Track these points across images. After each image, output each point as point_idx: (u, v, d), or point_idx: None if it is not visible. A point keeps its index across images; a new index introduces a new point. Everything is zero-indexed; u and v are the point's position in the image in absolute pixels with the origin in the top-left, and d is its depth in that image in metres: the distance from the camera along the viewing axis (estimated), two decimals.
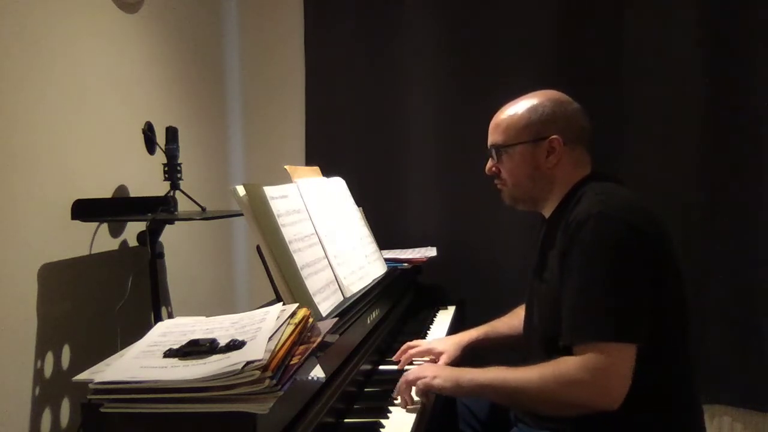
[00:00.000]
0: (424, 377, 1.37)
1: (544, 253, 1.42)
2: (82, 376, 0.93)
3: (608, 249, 1.24)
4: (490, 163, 1.53)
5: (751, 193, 2.13)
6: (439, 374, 1.38)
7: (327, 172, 1.93)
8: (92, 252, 1.69)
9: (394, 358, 1.65)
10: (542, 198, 1.47)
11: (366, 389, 1.47)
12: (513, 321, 1.73)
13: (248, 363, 0.87)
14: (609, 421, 1.25)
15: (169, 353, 0.97)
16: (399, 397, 1.38)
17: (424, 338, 1.86)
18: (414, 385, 1.37)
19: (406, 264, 2.14)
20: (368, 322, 1.61)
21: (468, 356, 1.66)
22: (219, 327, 1.08)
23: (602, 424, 1.26)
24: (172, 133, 1.78)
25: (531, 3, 2.29)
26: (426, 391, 1.37)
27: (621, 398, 1.22)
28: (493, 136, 1.50)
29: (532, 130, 1.43)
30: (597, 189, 1.36)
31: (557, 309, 1.30)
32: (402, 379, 1.40)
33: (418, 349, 1.64)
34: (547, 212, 1.49)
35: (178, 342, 1.00)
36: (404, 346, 1.66)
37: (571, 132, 1.43)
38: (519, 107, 1.46)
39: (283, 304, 1.18)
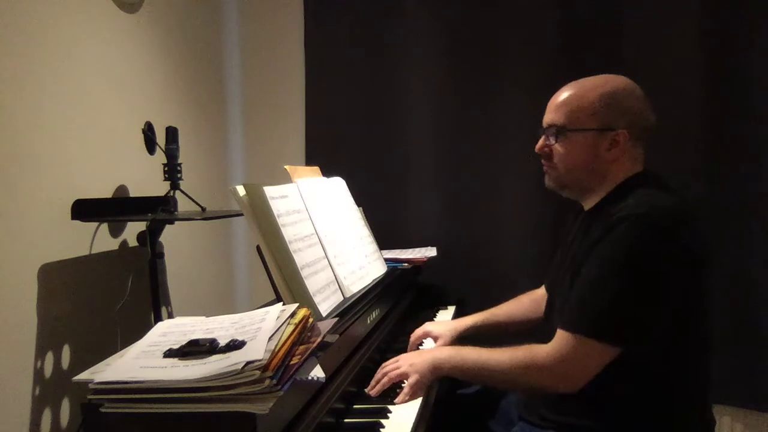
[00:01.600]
0: (398, 367, 1.40)
1: (577, 245, 1.38)
2: (82, 376, 0.93)
3: (634, 253, 1.22)
4: (542, 142, 1.42)
5: (752, 192, 2.13)
6: (415, 362, 1.39)
7: (327, 172, 1.93)
8: (92, 252, 1.69)
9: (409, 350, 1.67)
10: (590, 189, 1.40)
11: (366, 389, 1.47)
12: (513, 309, 1.74)
13: (248, 363, 0.87)
14: (616, 420, 1.26)
15: (169, 353, 0.97)
16: (375, 386, 1.40)
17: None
18: (389, 376, 1.40)
19: (406, 264, 2.14)
20: (368, 322, 1.61)
21: (466, 342, 1.66)
22: (219, 327, 1.08)
23: (610, 423, 1.27)
24: (172, 133, 1.78)
25: (531, 3, 2.29)
26: (401, 379, 1.39)
27: (578, 387, 1.26)
28: (555, 115, 1.39)
29: (601, 118, 1.34)
30: (645, 191, 1.31)
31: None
32: (379, 370, 1.42)
33: (416, 333, 1.69)
34: (588, 204, 1.43)
35: (178, 342, 1.00)
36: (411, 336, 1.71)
37: (638, 127, 1.36)
38: (590, 89, 1.36)
39: (283, 304, 1.18)
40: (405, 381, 1.39)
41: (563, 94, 1.39)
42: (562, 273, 1.43)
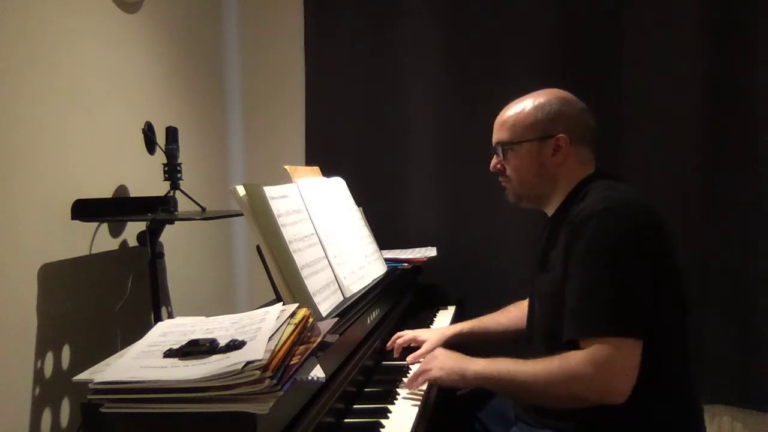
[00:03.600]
0: (429, 370, 1.41)
1: (546, 250, 1.42)
2: (82, 376, 0.93)
3: (611, 245, 1.25)
4: (494, 161, 1.53)
5: (752, 191, 2.13)
6: (444, 366, 1.40)
7: (327, 172, 1.93)
8: (92, 252, 1.69)
9: (387, 346, 1.70)
10: (546, 196, 1.48)
11: (366, 389, 1.47)
12: (501, 318, 1.76)
13: (248, 363, 0.87)
14: (608, 416, 1.25)
15: (169, 353, 0.97)
16: (408, 387, 1.44)
17: None
18: (418, 378, 1.42)
19: (406, 264, 2.14)
20: (368, 322, 1.61)
21: (453, 349, 1.66)
22: (219, 327, 1.08)
23: (602, 419, 1.27)
24: (172, 133, 1.78)
25: (531, 4, 2.29)
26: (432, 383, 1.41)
27: (626, 392, 1.22)
28: (499, 134, 1.50)
29: (539, 127, 1.44)
30: (601, 187, 1.37)
31: (559, 305, 1.30)
32: (412, 375, 1.45)
33: (405, 338, 1.70)
34: (550, 210, 1.50)
35: (178, 342, 1.00)
36: (394, 336, 1.72)
37: (577, 131, 1.44)
38: (525, 105, 1.47)
39: (283, 304, 1.18)
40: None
41: (505, 114, 1.51)
42: (538, 279, 1.46)
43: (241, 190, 1.34)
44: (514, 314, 1.74)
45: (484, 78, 2.35)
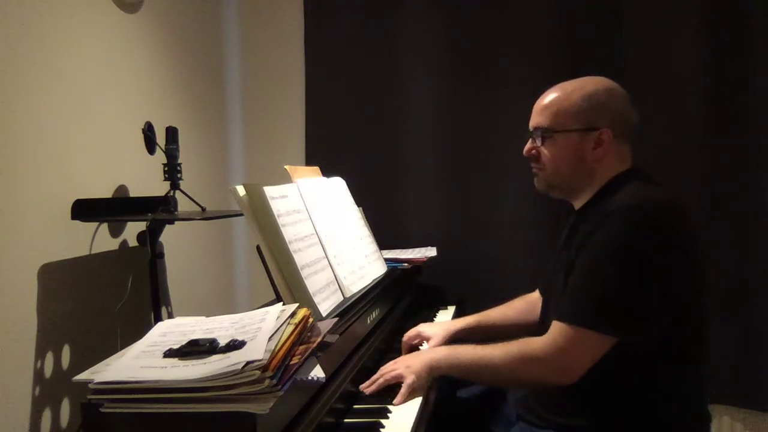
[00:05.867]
0: (402, 378, 1.39)
1: (569, 244, 1.39)
2: (82, 376, 0.93)
3: (627, 241, 1.24)
4: (530, 145, 1.45)
5: (752, 191, 2.13)
6: (412, 368, 1.39)
7: (327, 172, 1.93)
8: (92, 252, 1.69)
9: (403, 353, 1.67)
10: (579, 188, 1.43)
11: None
12: (508, 311, 1.74)
13: (248, 363, 0.87)
14: (613, 418, 1.26)
15: (169, 353, 0.97)
16: (371, 386, 1.40)
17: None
18: (384, 377, 1.40)
19: (406, 264, 2.14)
20: (368, 322, 1.61)
21: (458, 343, 1.66)
22: (219, 327, 1.08)
23: (607, 420, 1.27)
24: (172, 133, 1.78)
25: (531, 3, 2.29)
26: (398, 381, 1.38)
27: (574, 378, 1.26)
28: (539, 118, 1.42)
29: (584, 118, 1.37)
30: (634, 185, 1.33)
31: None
32: (377, 375, 1.42)
33: (409, 334, 1.69)
34: (579, 203, 1.45)
35: (178, 342, 1.00)
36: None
37: (621, 126, 1.39)
38: (572, 91, 1.39)
39: (283, 304, 1.18)
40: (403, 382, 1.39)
41: (547, 97, 1.42)
42: (555, 274, 1.43)
43: (241, 190, 1.34)
44: (520, 307, 1.73)
45: (484, 78, 2.35)
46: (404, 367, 1.40)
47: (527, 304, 1.73)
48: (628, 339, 1.24)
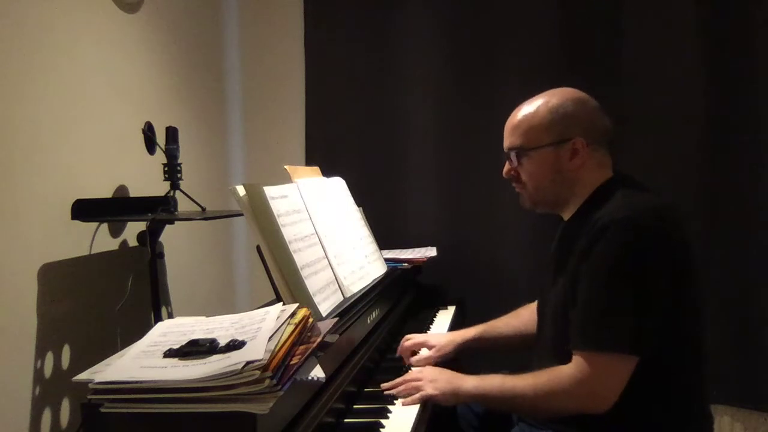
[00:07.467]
0: (420, 386, 1.37)
1: (562, 255, 1.38)
2: (82, 376, 0.93)
3: (629, 257, 1.22)
4: (507, 167, 1.45)
5: (752, 192, 2.13)
6: (438, 386, 1.37)
7: (327, 172, 1.93)
8: (92, 252, 1.69)
9: (398, 353, 1.67)
10: (564, 200, 1.42)
11: (366, 389, 1.47)
12: (513, 321, 1.72)
13: (248, 363, 0.87)
14: (611, 422, 1.25)
15: (169, 353, 0.97)
16: (394, 391, 1.39)
17: None
18: (409, 389, 1.38)
19: (406, 264, 2.14)
20: (368, 322, 1.61)
21: (464, 354, 1.66)
22: (219, 327, 1.08)
23: (604, 424, 1.27)
24: (172, 133, 1.78)
25: (531, 4, 2.29)
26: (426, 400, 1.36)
27: (610, 404, 1.23)
28: (512, 139, 1.42)
29: (555, 131, 1.36)
30: (623, 193, 1.32)
31: (569, 311, 1.29)
32: (400, 380, 1.41)
33: (413, 341, 1.67)
34: (567, 214, 1.44)
35: (178, 342, 1.00)
36: (403, 339, 1.68)
37: (594, 132, 1.37)
38: (538, 107, 1.39)
39: (283, 304, 1.18)
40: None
41: (516, 117, 1.42)
42: (550, 282, 1.43)
43: (241, 190, 1.34)
44: (526, 317, 1.70)
45: (484, 78, 2.35)
46: (428, 381, 1.38)
47: (532, 313, 1.71)
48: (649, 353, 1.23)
